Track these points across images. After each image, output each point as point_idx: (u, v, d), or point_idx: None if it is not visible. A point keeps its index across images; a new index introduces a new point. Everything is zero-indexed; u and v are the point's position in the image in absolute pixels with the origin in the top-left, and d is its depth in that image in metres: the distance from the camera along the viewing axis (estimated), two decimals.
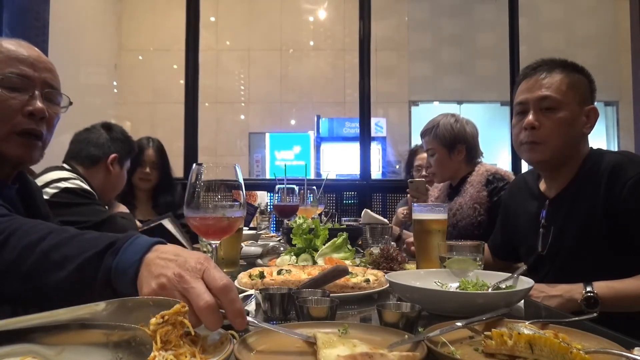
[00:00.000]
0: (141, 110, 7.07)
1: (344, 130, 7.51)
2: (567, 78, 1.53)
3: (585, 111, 1.55)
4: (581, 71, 1.59)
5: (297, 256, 1.66)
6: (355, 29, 4.46)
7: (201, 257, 0.74)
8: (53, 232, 0.83)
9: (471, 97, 7.52)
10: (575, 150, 1.56)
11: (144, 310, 0.66)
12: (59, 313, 0.63)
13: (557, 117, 1.51)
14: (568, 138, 1.53)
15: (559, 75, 1.53)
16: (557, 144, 1.52)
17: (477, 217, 2.21)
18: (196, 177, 1.04)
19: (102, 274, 0.76)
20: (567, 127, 1.51)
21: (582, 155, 1.57)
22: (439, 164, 2.41)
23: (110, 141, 2.29)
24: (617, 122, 7.44)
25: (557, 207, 1.57)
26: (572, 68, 1.57)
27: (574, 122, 1.52)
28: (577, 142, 1.55)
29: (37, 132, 1.24)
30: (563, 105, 1.51)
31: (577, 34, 7.33)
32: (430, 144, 2.42)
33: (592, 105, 1.56)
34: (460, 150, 2.38)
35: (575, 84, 1.54)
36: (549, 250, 1.56)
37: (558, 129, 1.51)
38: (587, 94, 1.56)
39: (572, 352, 0.65)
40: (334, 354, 0.67)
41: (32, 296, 0.81)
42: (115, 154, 2.26)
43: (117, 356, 0.59)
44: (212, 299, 0.68)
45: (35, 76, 1.24)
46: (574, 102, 1.52)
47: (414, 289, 1.06)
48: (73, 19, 5.35)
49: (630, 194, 1.38)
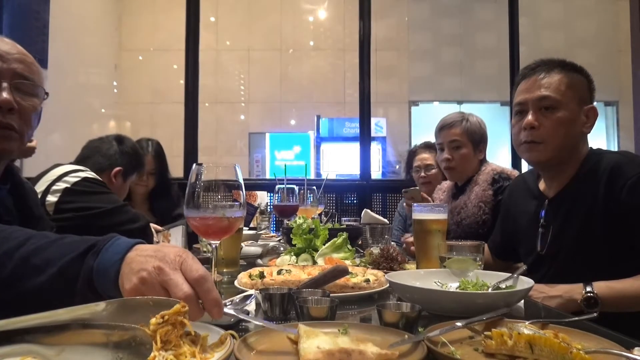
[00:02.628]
0: (141, 110, 7.07)
1: (344, 130, 7.51)
2: (565, 78, 1.53)
3: (584, 111, 1.55)
4: (580, 71, 1.59)
5: (297, 256, 1.66)
6: (355, 29, 4.46)
7: (179, 250, 0.76)
8: (32, 237, 0.82)
9: (471, 97, 7.51)
10: (575, 150, 1.56)
11: (144, 310, 0.66)
12: (59, 313, 0.63)
13: (557, 116, 1.51)
14: (567, 137, 1.53)
15: (557, 75, 1.54)
16: (557, 144, 1.52)
17: (481, 216, 2.19)
18: (196, 177, 1.04)
19: (84, 275, 0.76)
20: (567, 127, 1.51)
21: (581, 155, 1.57)
22: (464, 158, 2.34)
23: (118, 154, 2.33)
24: (617, 122, 7.43)
25: (556, 207, 1.57)
26: (570, 68, 1.57)
27: (573, 121, 1.52)
28: (576, 141, 1.55)
29: (3, 124, 1.20)
30: (562, 104, 1.51)
31: (577, 34, 7.32)
32: (458, 136, 2.34)
33: (591, 104, 1.56)
34: (482, 150, 2.37)
35: (574, 83, 1.54)
36: (548, 250, 1.56)
37: (557, 128, 1.51)
38: (586, 94, 1.56)
39: (572, 352, 0.65)
40: (314, 344, 0.68)
41: (13, 303, 0.79)
42: (120, 167, 2.31)
43: (117, 356, 0.59)
44: (190, 290, 0.70)
45: (4, 68, 1.20)
46: (572, 102, 1.52)
47: (414, 289, 1.06)
48: (73, 19, 5.35)
49: (630, 194, 1.38)
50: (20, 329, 0.59)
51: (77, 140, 2.65)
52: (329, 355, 0.65)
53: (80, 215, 1.94)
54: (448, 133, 2.37)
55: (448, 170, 2.40)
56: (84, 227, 1.88)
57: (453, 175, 2.42)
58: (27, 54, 1.28)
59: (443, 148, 2.39)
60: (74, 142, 2.96)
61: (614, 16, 7.14)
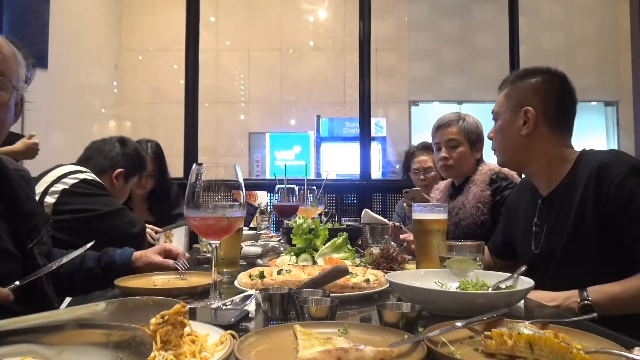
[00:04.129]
0: (141, 110, 7.06)
1: (344, 130, 7.50)
2: (505, 90, 1.67)
3: (520, 114, 1.59)
4: (532, 73, 1.64)
5: (297, 256, 1.66)
6: (355, 29, 4.46)
7: None
8: None
9: (471, 97, 7.51)
10: (529, 151, 1.60)
11: (144, 310, 0.66)
12: (59, 313, 0.63)
13: (496, 127, 1.70)
14: (506, 143, 1.66)
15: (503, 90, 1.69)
16: (501, 150, 1.70)
17: (480, 217, 2.19)
18: (196, 177, 1.04)
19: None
20: (502, 134, 1.67)
21: (546, 154, 1.59)
22: (462, 157, 2.35)
23: (121, 156, 2.32)
24: (617, 122, 7.43)
25: (549, 206, 1.58)
26: (520, 77, 1.66)
27: (507, 128, 1.64)
28: (521, 144, 1.61)
29: None
30: (499, 116, 1.69)
31: (577, 34, 7.32)
32: (456, 135, 2.36)
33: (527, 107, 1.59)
34: (478, 149, 2.38)
35: (510, 93, 1.65)
36: (542, 250, 1.58)
37: (496, 137, 1.70)
38: (524, 97, 1.61)
39: (572, 352, 0.65)
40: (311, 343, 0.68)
41: None
42: (122, 169, 2.30)
43: (117, 356, 0.59)
44: None
45: None
46: (507, 111, 1.64)
47: (414, 289, 1.06)
48: (73, 19, 5.35)
49: (617, 193, 1.38)
50: (20, 329, 0.60)
51: (76, 140, 2.66)
52: (327, 353, 0.65)
53: (77, 217, 1.93)
54: (445, 132, 2.39)
55: (445, 168, 2.40)
56: (80, 229, 1.88)
57: (450, 173, 2.43)
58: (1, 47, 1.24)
59: (440, 147, 2.40)
60: (73, 142, 2.95)
61: (614, 16, 7.14)
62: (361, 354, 0.66)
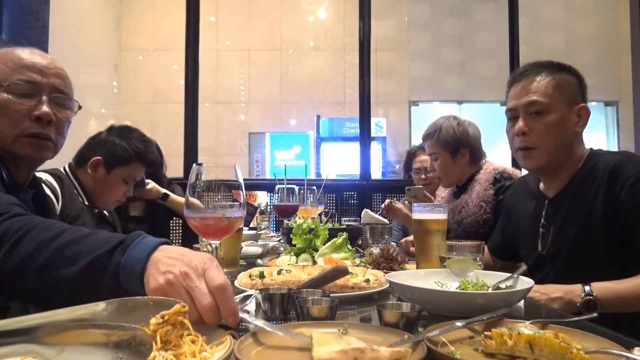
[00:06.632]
0: (141, 110, 7.06)
1: (344, 130, 7.50)
2: (553, 80, 1.54)
3: (575, 110, 1.55)
4: (568, 70, 1.59)
5: (297, 256, 1.66)
6: (355, 29, 4.45)
7: (205, 257, 0.79)
8: (67, 230, 0.88)
9: (471, 97, 7.52)
10: (570, 150, 1.56)
11: (144, 310, 0.66)
12: (59, 313, 0.63)
13: (546, 120, 1.52)
14: (560, 139, 1.53)
15: (545, 78, 1.54)
16: (549, 147, 1.53)
17: (482, 215, 2.19)
18: (196, 177, 1.04)
19: (111, 270, 0.80)
20: (558, 129, 1.52)
21: (578, 155, 1.57)
22: (444, 168, 2.35)
23: (99, 144, 2.19)
24: (617, 122, 7.43)
25: (556, 207, 1.57)
26: (558, 69, 1.57)
27: (563, 123, 1.52)
28: (570, 142, 1.55)
29: (44, 135, 1.28)
30: (550, 107, 1.52)
31: (577, 34, 7.33)
32: (433, 148, 2.36)
33: (582, 103, 1.56)
34: (463, 154, 2.32)
35: (561, 85, 1.54)
36: (548, 250, 1.57)
37: (548, 132, 1.52)
38: (576, 93, 1.56)
39: (572, 352, 0.65)
40: (327, 350, 0.68)
41: (44, 290, 0.85)
42: (97, 157, 2.15)
43: (117, 356, 0.59)
44: (213, 300, 0.74)
45: (44, 82, 1.28)
46: (561, 103, 1.52)
47: (414, 289, 1.06)
48: (73, 19, 5.34)
49: (629, 194, 1.38)
50: (20, 329, 0.60)
51: (76, 140, 2.64)
52: (344, 353, 0.65)
53: None
54: (426, 145, 2.45)
55: (438, 180, 2.49)
56: None
57: (443, 184, 2.49)
58: (62, 68, 1.35)
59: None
60: (73, 142, 2.93)
61: (614, 16, 7.14)
62: (377, 355, 0.65)
